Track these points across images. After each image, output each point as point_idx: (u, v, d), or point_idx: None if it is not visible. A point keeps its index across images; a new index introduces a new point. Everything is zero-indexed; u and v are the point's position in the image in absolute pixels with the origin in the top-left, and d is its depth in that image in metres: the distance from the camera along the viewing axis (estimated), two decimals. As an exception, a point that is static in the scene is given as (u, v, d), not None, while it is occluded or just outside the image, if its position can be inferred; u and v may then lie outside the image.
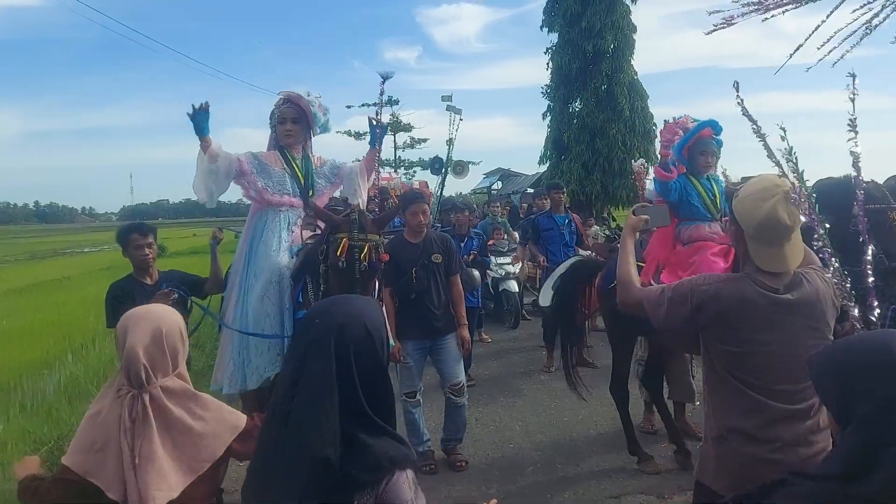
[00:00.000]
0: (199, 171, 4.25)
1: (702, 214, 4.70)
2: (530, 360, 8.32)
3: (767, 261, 2.19)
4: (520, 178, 27.77)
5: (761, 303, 2.17)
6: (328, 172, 4.65)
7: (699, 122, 4.79)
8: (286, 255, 4.25)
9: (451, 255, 5.10)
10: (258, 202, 4.40)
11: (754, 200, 2.18)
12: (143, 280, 4.37)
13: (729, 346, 2.23)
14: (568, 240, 8.17)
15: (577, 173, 17.47)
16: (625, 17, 17.84)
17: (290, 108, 4.42)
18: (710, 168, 4.84)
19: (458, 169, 21.17)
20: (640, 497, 4.53)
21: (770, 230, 2.16)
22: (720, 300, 2.21)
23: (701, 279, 2.32)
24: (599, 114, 17.71)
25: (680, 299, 2.28)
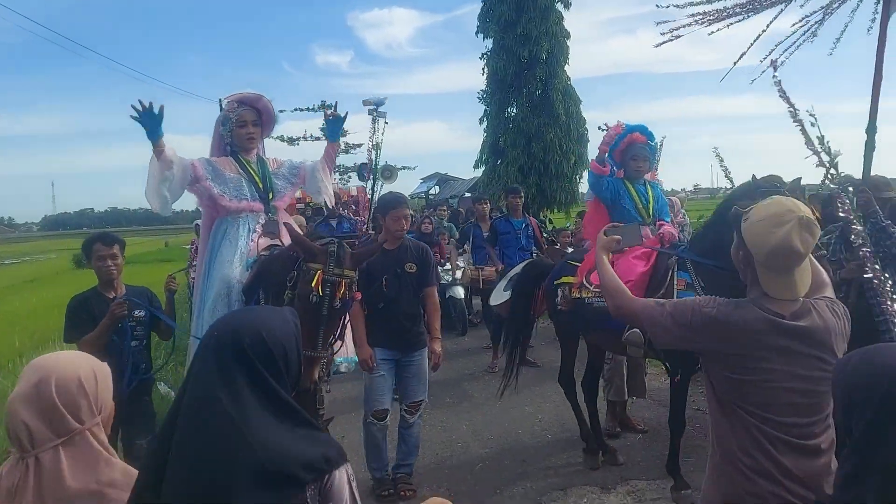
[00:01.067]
0: (151, 177, 4.04)
1: (632, 218, 4.77)
2: (476, 362, 8.43)
3: (777, 288, 2.09)
4: (457, 182, 27.99)
5: (766, 329, 2.06)
6: (287, 173, 4.52)
7: (626, 127, 4.92)
8: (240, 268, 4.06)
9: (427, 267, 4.79)
10: (213, 210, 4.25)
11: (767, 226, 2.05)
12: (107, 294, 4.15)
13: (731, 374, 2.13)
14: (524, 244, 8.19)
15: (514, 177, 17.71)
16: (558, 24, 18.22)
17: (249, 110, 4.30)
18: (641, 173, 4.96)
19: (387, 173, 21.05)
20: (585, 489, 4.67)
21: (782, 258, 2.05)
22: (723, 324, 2.11)
23: (704, 301, 2.21)
24: (535, 118, 18.03)
25: (682, 319, 2.18)
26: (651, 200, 4.96)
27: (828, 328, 2.10)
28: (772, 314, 2.06)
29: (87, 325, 3.99)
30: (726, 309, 2.12)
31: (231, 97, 4.37)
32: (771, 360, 2.05)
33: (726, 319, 2.10)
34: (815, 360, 2.07)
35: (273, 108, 4.43)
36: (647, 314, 2.30)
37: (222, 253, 4.11)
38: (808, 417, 2.07)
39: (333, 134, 4.69)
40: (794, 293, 2.09)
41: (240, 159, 4.29)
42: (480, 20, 18.80)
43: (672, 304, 2.28)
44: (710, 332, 2.12)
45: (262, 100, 4.35)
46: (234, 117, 4.27)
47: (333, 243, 3.30)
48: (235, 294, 3.94)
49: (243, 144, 4.29)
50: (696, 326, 2.15)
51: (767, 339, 2.05)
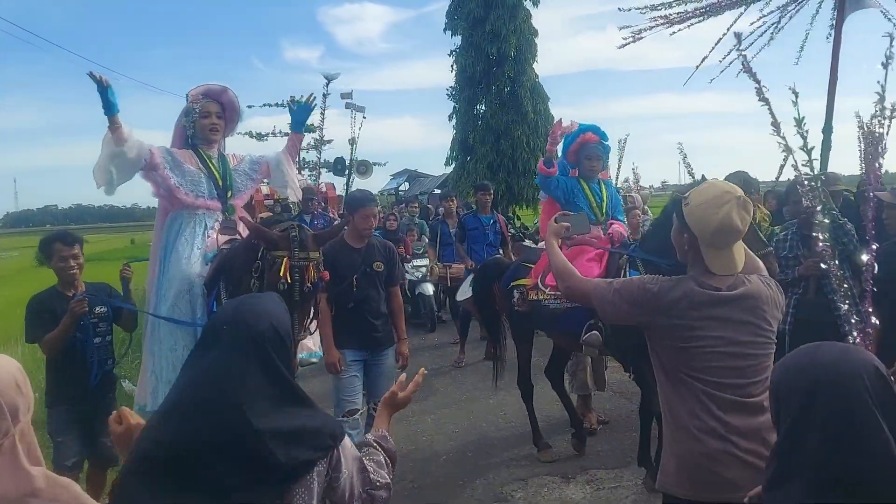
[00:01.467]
0: (103, 152, 3.92)
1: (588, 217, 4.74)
2: (443, 358, 8.52)
3: (719, 264, 2.27)
4: (427, 178, 28.05)
5: (705, 301, 2.25)
6: (248, 170, 4.43)
7: (579, 127, 4.92)
8: (199, 263, 3.99)
9: (394, 264, 4.79)
10: (168, 202, 4.16)
11: (710, 207, 2.23)
12: (67, 292, 4.08)
13: (675, 343, 2.29)
14: (492, 240, 8.28)
15: (483, 174, 17.85)
16: (526, 22, 18.39)
17: (213, 102, 4.23)
18: (595, 172, 4.98)
19: (362, 169, 21.03)
20: (545, 479, 4.80)
21: (724, 235, 2.24)
22: (666, 299, 2.28)
23: (649, 279, 2.39)
24: (503, 116, 18.19)
25: (628, 296, 2.36)
26: (605, 199, 5.01)
27: (760, 296, 2.30)
28: (709, 288, 2.26)
29: (48, 324, 3.96)
30: (668, 285, 2.32)
31: (196, 89, 4.29)
32: (711, 329, 2.24)
33: (669, 295, 2.29)
34: (751, 325, 2.27)
35: (238, 102, 4.36)
36: (598, 293, 2.48)
37: (178, 250, 4.03)
38: (748, 378, 2.26)
39: (298, 124, 4.61)
40: (735, 268, 2.29)
41: (200, 153, 4.20)
42: (448, 17, 18.91)
43: (619, 283, 2.49)
44: (656, 307, 2.30)
45: (227, 93, 4.29)
46: (197, 108, 4.20)
47: (294, 228, 3.28)
48: (197, 289, 3.90)
49: (206, 136, 4.20)
50: (642, 302, 2.33)
51: (706, 310, 2.24)
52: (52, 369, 4.11)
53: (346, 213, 4.87)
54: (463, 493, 4.65)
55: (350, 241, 4.61)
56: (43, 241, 4.23)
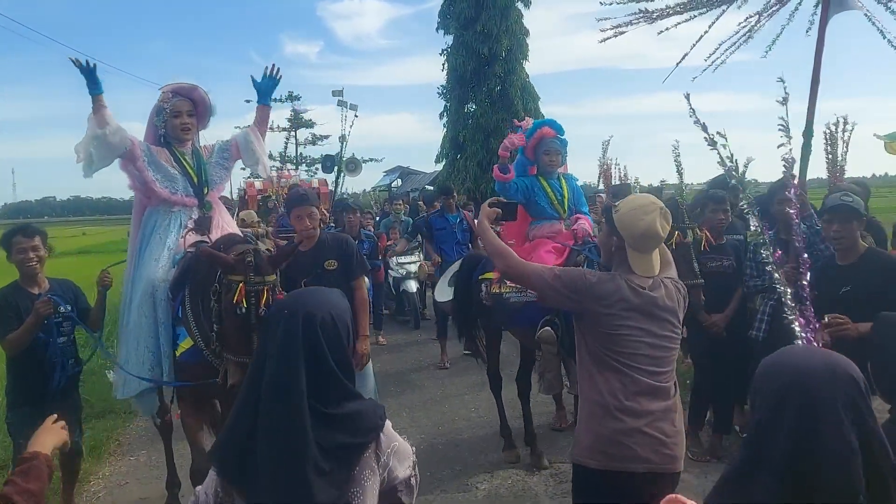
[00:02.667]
0: (86, 133, 3.90)
1: (548, 214, 4.86)
2: (424, 354, 8.66)
3: (641, 266, 2.63)
4: (419, 175, 28.23)
5: (631, 295, 2.58)
6: (219, 159, 4.35)
7: (535, 122, 4.93)
8: (166, 266, 3.93)
9: (351, 258, 4.61)
10: (144, 195, 4.12)
11: (636, 215, 2.59)
12: (30, 289, 3.98)
13: (604, 329, 2.61)
14: (460, 238, 8.39)
15: (473, 171, 18.10)
16: (518, 22, 18.58)
17: (183, 100, 4.15)
18: (554, 166, 4.90)
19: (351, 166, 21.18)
20: (510, 471, 5.02)
21: (647, 240, 2.61)
22: (601, 290, 2.60)
23: (587, 271, 2.77)
24: (494, 114, 18.39)
25: (569, 283, 2.65)
26: (566, 194, 4.96)
27: (672, 298, 2.67)
28: (635, 285, 2.61)
29: (11, 322, 3.85)
30: (605, 277, 2.67)
31: (166, 87, 4.21)
32: (635, 319, 2.59)
33: (605, 286, 2.62)
34: (665, 322, 2.64)
35: (209, 99, 4.27)
36: (538, 277, 2.74)
37: (150, 250, 4.00)
38: (661, 368, 2.64)
39: (265, 95, 4.47)
40: (654, 270, 2.67)
41: (174, 152, 4.14)
42: (441, 16, 19.10)
43: (560, 270, 2.79)
44: (591, 296, 2.62)
45: (198, 90, 4.22)
46: (168, 108, 4.12)
47: (249, 252, 3.25)
48: (161, 293, 3.86)
49: (178, 135, 4.13)
50: (580, 290, 2.64)
51: (633, 302, 2.59)
52: (14, 369, 4.01)
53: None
54: (430, 485, 4.84)
55: (299, 244, 4.49)
56: (3, 235, 4.10)
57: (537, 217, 4.91)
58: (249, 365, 1.79)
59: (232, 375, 3.23)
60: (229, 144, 4.40)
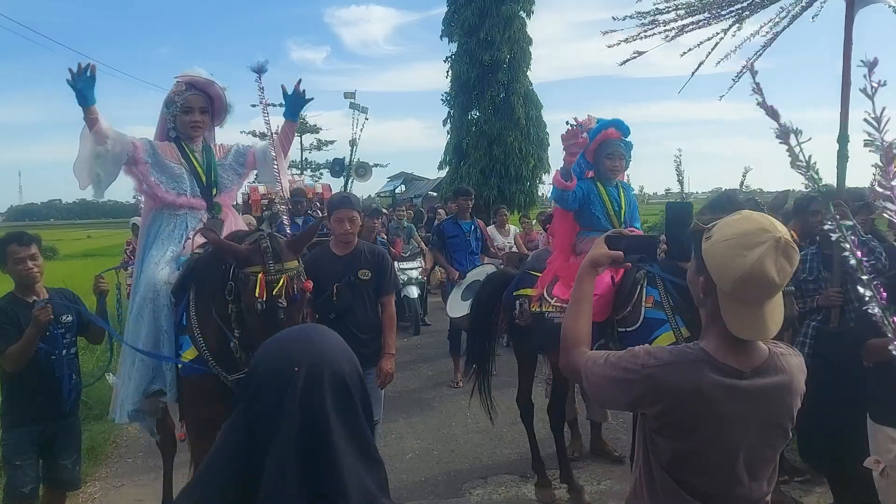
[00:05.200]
0: (83, 151, 3.60)
1: (601, 225, 4.30)
2: (423, 358, 8.66)
3: (743, 325, 1.69)
4: (422, 181, 28.34)
5: (720, 396, 1.68)
6: (233, 163, 4.04)
7: (601, 122, 4.41)
8: (169, 269, 3.63)
9: (385, 272, 4.37)
10: (150, 199, 3.84)
11: (736, 248, 1.65)
12: (28, 299, 3.71)
13: (673, 441, 1.75)
14: (474, 247, 7.90)
15: (476, 178, 18.15)
16: (521, 30, 18.65)
17: (198, 95, 3.85)
18: (617, 173, 4.45)
19: (361, 171, 21.30)
20: (504, 477, 5.05)
21: (753, 288, 1.65)
22: (668, 390, 1.72)
23: (648, 357, 1.77)
24: (497, 122, 18.45)
25: (623, 382, 1.79)
26: (623, 205, 4.47)
27: (792, 387, 1.76)
28: (728, 374, 1.69)
29: (10, 334, 3.59)
30: (673, 366, 1.73)
31: (181, 77, 3.90)
32: (722, 431, 1.70)
33: (673, 379, 1.72)
34: (773, 428, 1.76)
35: (226, 96, 3.99)
36: (589, 373, 1.88)
37: (151, 254, 3.73)
38: (759, 481, 1.78)
39: (293, 112, 4.17)
40: (764, 332, 1.70)
41: (183, 147, 3.85)
42: (445, 24, 19.19)
43: (613, 364, 1.82)
44: (652, 395, 1.74)
45: (215, 86, 3.92)
46: (179, 101, 3.82)
47: (264, 238, 2.97)
48: (163, 297, 3.55)
49: (186, 132, 3.84)
50: (634, 383, 1.76)
51: (721, 406, 1.69)
52: (12, 386, 3.73)
53: (327, 219, 4.64)
54: (424, 489, 4.89)
55: (334, 248, 4.34)
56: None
57: (588, 227, 4.40)
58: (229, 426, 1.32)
59: None
60: (247, 151, 4.12)
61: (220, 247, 3.06)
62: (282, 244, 2.97)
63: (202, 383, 3.35)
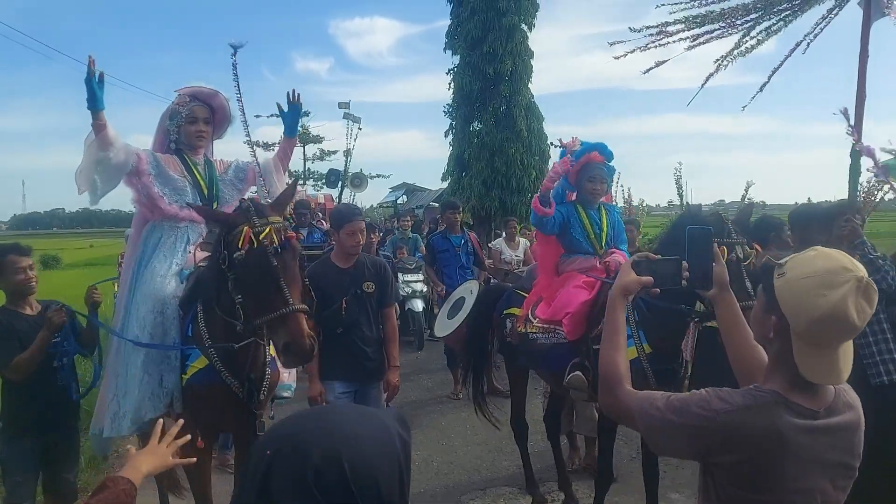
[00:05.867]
0: (86, 156, 3.58)
1: (583, 248, 4.38)
2: (428, 376, 8.59)
3: (816, 370, 1.61)
4: (425, 192, 28.43)
5: (798, 438, 1.60)
6: (233, 178, 4.08)
7: (585, 144, 4.39)
8: (175, 282, 3.65)
9: (387, 284, 4.36)
10: (149, 210, 3.82)
11: (815, 287, 1.58)
12: (22, 310, 3.74)
13: (749, 493, 1.66)
14: (464, 261, 7.81)
15: (478, 190, 18.22)
16: (523, 43, 18.74)
17: (202, 106, 3.90)
18: (598, 196, 4.46)
19: (357, 182, 21.30)
20: (503, 489, 5.10)
21: (831, 329, 1.58)
22: (745, 437, 1.62)
23: (720, 402, 1.65)
24: (498, 133, 18.51)
25: (692, 429, 1.66)
26: (605, 227, 4.46)
27: (860, 422, 1.70)
28: (804, 416, 1.62)
29: (13, 345, 3.59)
30: (749, 413, 1.63)
31: (183, 90, 3.96)
32: (802, 474, 1.63)
33: (749, 426, 1.62)
34: (844, 468, 1.68)
35: (229, 107, 4.04)
36: (644, 415, 1.75)
37: (154, 266, 3.69)
38: None
39: (291, 128, 4.25)
40: (838, 377, 1.63)
41: (185, 159, 3.87)
42: (448, 37, 19.29)
43: (670, 405, 1.71)
44: (728, 443, 1.64)
45: (218, 97, 3.98)
46: (184, 112, 3.85)
47: (245, 200, 3.16)
48: (171, 310, 3.57)
49: (191, 142, 3.88)
50: (706, 431, 1.65)
51: (797, 449, 1.61)
52: (13, 397, 3.70)
53: (332, 231, 4.63)
54: (423, 500, 4.95)
55: (336, 260, 4.30)
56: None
57: (570, 250, 4.44)
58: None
59: (280, 335, 2.93)
60: (247, 167, 4.16)
61: (208, 215, 3.40)
62: (265, 203, 3.23)
63: (211, 391, 3.41)
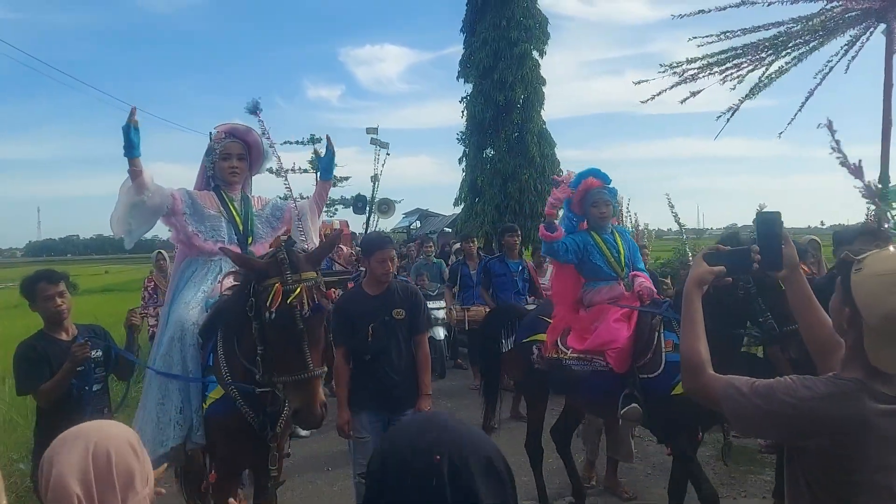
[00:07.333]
0: (121, 201, 3.69)
1: (605, 274, 4.43)
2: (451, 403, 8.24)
3: (887, 360, 1.69)
4: (438, 218, 28.68)
5: (880, 423, 1.68)
6: (269, 215, 4.18)
7: (578, 174, 4.53)
8: (198, 309, 3.68)
9: (418, 311, 4.31)
10: (186, 247, 3.94)
11: (889, 285, 1.67)
12: (58, 336, 3.79)
13: (836, 476, 1.75)
14: (521, 288, 7.73)
15: (491, 215, 18.46)
16: (534, 72, 19.10)
17: (236, 143, 4.00)
18: (606, 218, 4.53)
19: (384, 208, 21.48)
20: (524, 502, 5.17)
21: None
22: (831, 423, 1.71)
23: (805, 390, 1.74)
24: (511, 160, 18.80)
25: (779, 416, 1.75)
26: (622, 250, 4.52)
27: None
28: (885, 399, 1.70)
29: (42, 371, 3.66)
30: (833, 400, 1.72)
31: (221, 126, 4.09)
32: (885, 456, 1.70)
33: (834, 413, 1.71)
34: None
35: (262, 143, 4.16)
36: (730, 401, 1.85)
37: (183, 294, 3.78)
38: None
39: (326, 172, 4.40)
40: None
41: (222, 195, 3.98)
42: (461, 65, 19.72)
43: (756, 391, 1.81)
44: (814, 428, 1.73)
45: (252, 133, 4.08)
46: (218, 149, 3.97)
47: (281, 250, 3.00)
48: (190, 337, 3.59)
49: (225, 178, 3.98)
50: (794, 419, 1.74)
51: (880, 431, 1.69)
52: (46, 420, 3.71)
53: (362, 258, 4.62)
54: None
55: (367, 287, 4.29)
56: (24, 282, 3.86)
57: (592, 278, 4.49)
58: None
59: (293, 399, 2.89)
60: (285, 207, 4.24)
61: (238, 261, 3.17)
62: (300, 256, 3.03)
63: (227, 423, 3.37)
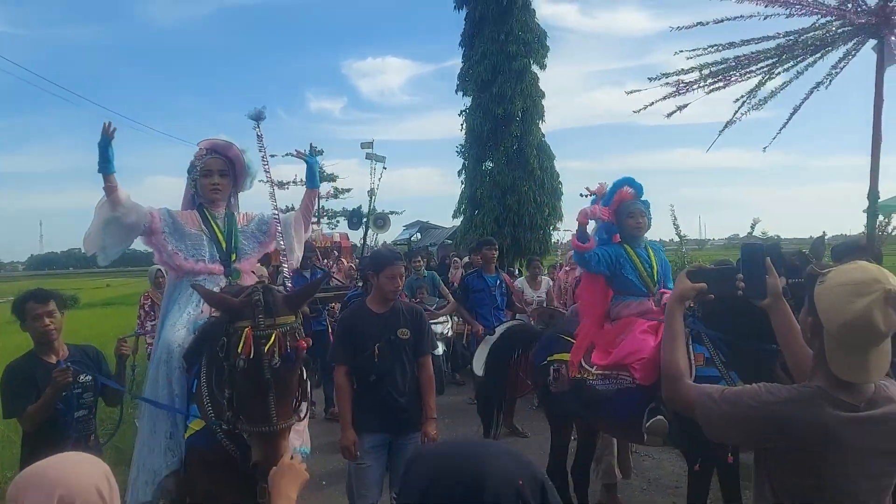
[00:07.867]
0: (95, 218, 3.60)
1: (636, 289, 4.25)
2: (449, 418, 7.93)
3: (846, 369, 1.79)
4: (438, 230, 28.75)
5: (841, 429, 1.77)
6: (255, 230, 4.02)
7: (613, 184, 4.35)
8: (184, 331, 3.52)
9: (423, 331, 4.15)
10: (172, 269, 3.82)
11: (845, 295, 1.77)
12: (47, 358, 3.63)
13: (801, 478, 1.85)
14: (499, 302, 7.56)
15: (490, 227, 18.51)
16: (533, 85, 19.24)
17: (217, 159, 3.85)
18: (642, 230, 4.37)
19: (380, 223, 21.51)
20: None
21: (858, 335, 1.76)
22: (793, 426, 1.81)
23: (768, 395, 1.86)
24: (510, 172, 18.89)
25: (740, 413, 1.88)
26: (654, 265, 4.34)
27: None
28: (845, 408, 1.79)
29: (29, 394, 3.51)
30: (794, 403, 1.83)
31: (202, 143, 3.94)
32: (845, 463, 1.79)
33: (795, 417, 1.81)
34: (889, 456, 1.83)
35: (244, 158, 3.97)
36: (702, 408, 1.97)
37: (171, 315, 3.65)
38: None
39: (312, 180, 4.28)
40: (867, 377, 1.81)
41: (205, 213, 3.84)
42: (460, 79, 19.88)
43: (725, 397, 1.94)
44: (777, 432, 1.84)
45: (233, 149, 3.91)
46: (199, 165, 3.83)
47: (257, 290, 2.66)
48: (175, 360, 3.42)
49: (207, 196, 3.85)
50: (758, 422, 1.86)
51: (843, 438, 1.77)
52: (28, 446, 3.60)
53: (369, 274, 4.50)
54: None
55: (372, 305, 4.12)
56: (15, 302, 3.73)
57: (623, 292, 4.30)
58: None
59: (255, 451, 2.59)
60: (270, 223, 4.08)
61: (210, 299, 2.86)
62: (277, 298, 2.68)
63: (208, 455, 3.10)
